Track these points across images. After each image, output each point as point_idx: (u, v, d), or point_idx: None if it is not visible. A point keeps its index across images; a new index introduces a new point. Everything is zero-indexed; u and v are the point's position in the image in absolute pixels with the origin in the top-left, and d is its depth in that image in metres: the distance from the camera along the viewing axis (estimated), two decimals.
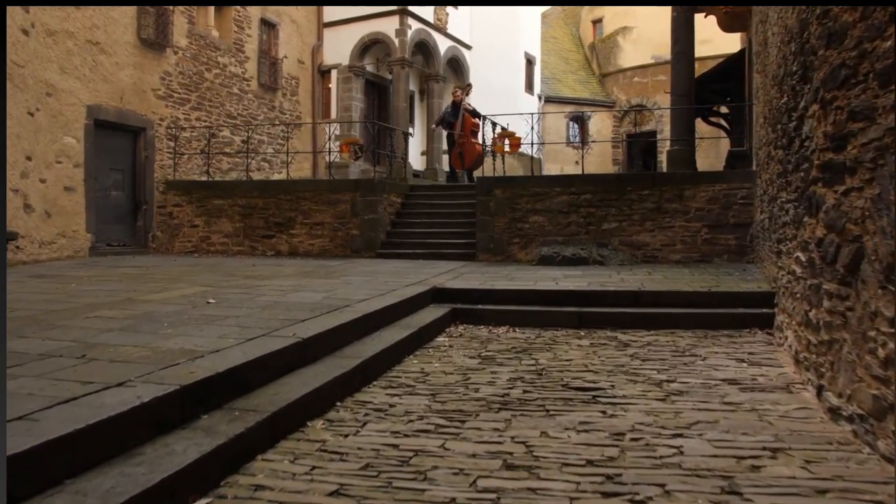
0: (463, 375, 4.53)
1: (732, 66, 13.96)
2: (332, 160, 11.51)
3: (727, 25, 12.42)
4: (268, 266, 9.35)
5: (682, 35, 11.04)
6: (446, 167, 18.91)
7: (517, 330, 6.28)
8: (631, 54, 24.25)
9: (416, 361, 5.00)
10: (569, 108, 22.86)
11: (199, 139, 13.06)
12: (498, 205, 10.54)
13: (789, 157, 5.55)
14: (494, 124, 11.14)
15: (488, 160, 11.12)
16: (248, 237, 11.81)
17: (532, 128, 10.94)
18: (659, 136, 22.47)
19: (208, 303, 5.54)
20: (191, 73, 13.05)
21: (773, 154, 6.82)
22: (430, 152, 18.89)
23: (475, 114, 13.25)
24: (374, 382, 4.36)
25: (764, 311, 6.25)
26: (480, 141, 13.12)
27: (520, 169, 20.21)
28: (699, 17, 14.59)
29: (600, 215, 10.23)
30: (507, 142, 10.55)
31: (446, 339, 5.91)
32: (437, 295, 6.92)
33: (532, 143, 10.90)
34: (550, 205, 10.37)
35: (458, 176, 13.53)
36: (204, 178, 12.82)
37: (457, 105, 13.17)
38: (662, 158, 22.58)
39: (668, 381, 4.35)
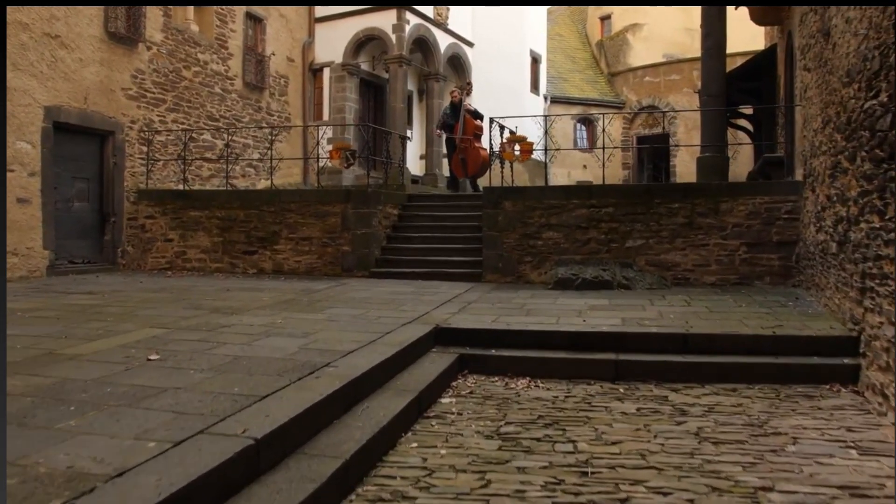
0: (480, 477, 3.32)
1: (762, 64, 12.77)
2: (321, 167, 10.29)
3: (760, 18, 11.22)
4: (245, 290, 8.13)
5: (715, 27, 9.85)
6: (447, 172, 17.73)
7: (539, 384, 5.08)
8: (641, 52, 23.07)
9: (414, 445, 3.79)
10: (576, 110, 21.67)
11: (176, 143, 11.85)
12: (507, 219, 9.34)
13: (891, 173, 4.35)
14: (502, 128, 9.94)
15: (495, 167, 9.91)
16: (227, 253, 10.60)
17: (545, 132, 9.75)
18: (672, 140, 21.30)
19: (149, 360, 4.33)
20: (166, 70, 11.83)
21: (848, 167, 5.61)
22: (429, 156, 17.69)
23: (477, 115, 12.04)
24: (358, 492, 3.15)
25: (844, 361, 5.07)
26: (486, 145, 11.93)
27: (525, 174, 19.02)
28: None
29: (624, 231, 9.02)
30: (517, 147, 9.35)
31: (453, 399, 4.71)
32: (441, 336, 5.72)
33: (545, 149, 9.69)
34: (567, 219, 9.17)
35: (460, 184, 12.32)
36: (180, 187, 11.60)
37: (456, 106, 11.96)
38: (675, 163, 21.45)
39: (764, 488, 3.15)
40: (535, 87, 20.36)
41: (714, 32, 9.85)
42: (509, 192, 9.43)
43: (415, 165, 18.30)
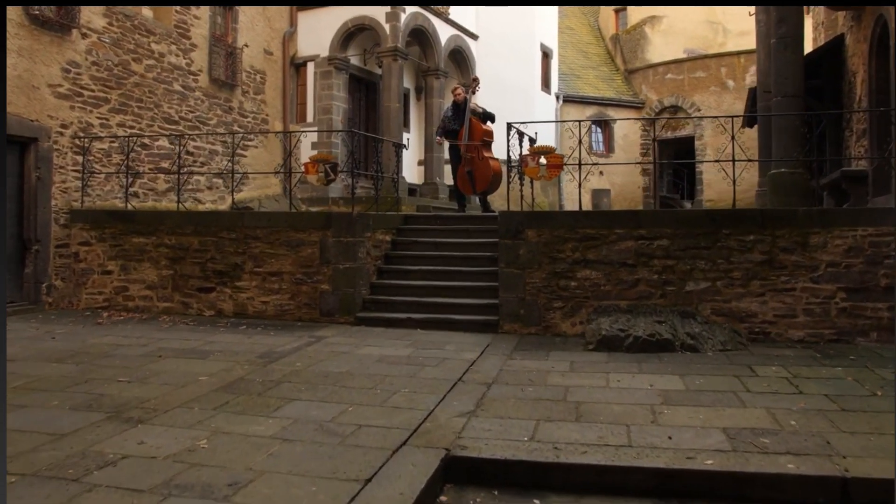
0: None
1: (824, 59, 10.73)
2: (294, 184, 8.19)
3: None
4: (183, 357, 6.04)
5: (790, 10, 7.77)
6: (448, 180, 15.65)
7: None
8: (660, 47, 21.01)
9: None
10: (590, 110, 19.58)
11: (124, 152, 9.73)
12: (531, 252, 7.27)
13: None
14: (521, 135, 7.86)
15: (514, 187, 7.83)
16: (178, 290, 8.51)
17: (580, 141, 7.69)
18: (698, 144, 19.23)
19: None
20: (110, 63, 9.72)
21: None
22: (428, 162, 15.64)
23: (486, 116, 9.91)
24: None
25: None
26: (498, 153, 9.84)
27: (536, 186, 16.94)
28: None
29: (682, 270, 6.97)
30: (542, 160, 7.28)
31: None
32: (455, 470, 3.65)
33: (581, 164, 7.60)
34: (608, 254, 7.11)
35: (467, 201, 10.23)
36: (129, 207, 9.51)
37: (460, 106, 9.84)
38: (702, 170, 19.38)
39: None
40: (546, 84, 18.30)
41: (790, 17, 7.80)
42: (533, 219, 7.36)
43: (412, 173, 16.25)
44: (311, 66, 14.37)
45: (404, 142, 12.56)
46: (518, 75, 17.08)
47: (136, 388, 4.92)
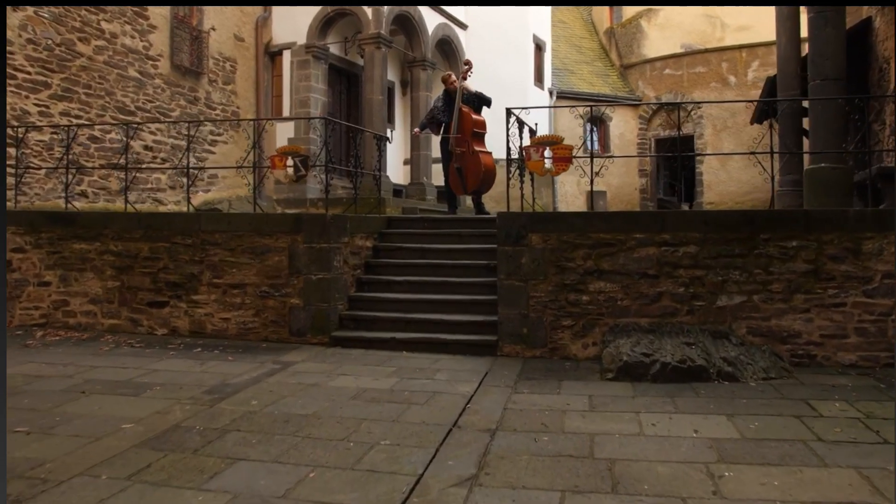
0: None
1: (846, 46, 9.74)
2: (261, 181, 7.05)
3: None
4: (111, 392, 4.91)
5: None
6: (436, 181, 14.57)
7: None
8: (657, 42, 20.02)
9: None
10: (584, 107, 18.53)
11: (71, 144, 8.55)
12: (536, 261, 6.21)
13: None
14: (521, 123, 6.79)
15: (514, 183, 6.75)
16: (126, 304, 7.36)
17: (591, 130, 6.65)
18: (698, 144, 18.28)
19: None
20: (51, 42, 8.55)
21: None
22: (414, 161, 14.54)
23: (480, 100, 8.73)
24: None
25: None
26: (496, 149, 8.78)
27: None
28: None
29: (713, 282, 5.93)
30: (548, 153, 6.21)
31: None
32: None
33: (592, 157, 6.56)
34: (626, 262, 6.06)
35: (458, 203, 9.13)
36: (71, 207, 8.34)
37: (451, 96, 8.73)
38: (702, 170, 18.44)
39: None
40: (539, 79, 17.27)
41: None
42: (538, 222, 6.28)
43: (398, 172, 15.16)
44: (286, 55, 13.23)
45: (388, 136, 11.47)
46: (510, 68, 16.03)
47: (34, 444, 3.79)
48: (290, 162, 6.84)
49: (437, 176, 14.61)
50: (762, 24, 20.17)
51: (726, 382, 5.22)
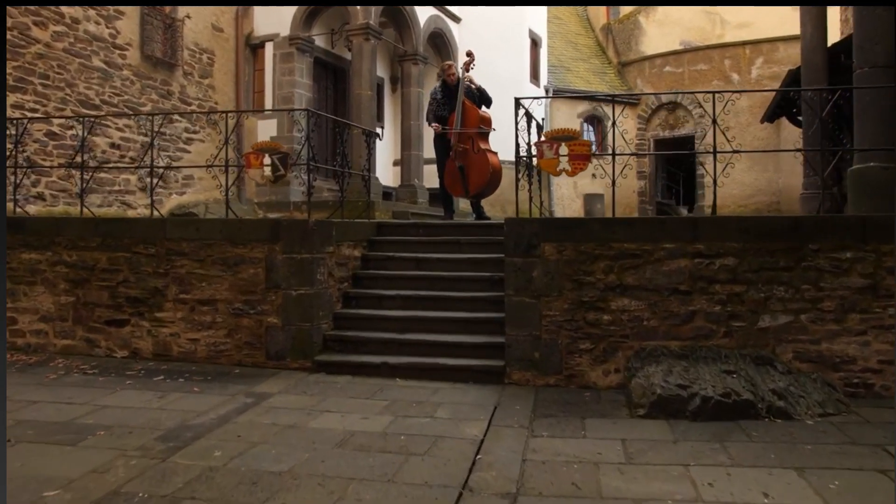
0: None
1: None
2: (235, 182, 6.16)
3: None
4: (52, 434, 4.05)
5: None
6: (429, 183, 13.75)
7: None
8: (656, 39, 19.35)
9: None
10: (582, 105, 17.84)
11: (24, 141, 7.64)
12: (549, 274, 5.41)
13: None
14: (530, 117, 5.99)
15: (523, 184, 5.93)
16: (82, 322, 6.48)
17: (613, 123, 5.90)
18: (698, 145, 17.57)
19: None
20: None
21: None
22: (405, 162, 13.71)
23: (482, 98, 7.93)
24: None
25: None
26: (499, 147, 7.97)
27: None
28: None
29: (755, 299, 5.16)
30: (563, 149, 5.41)
31: None
32: None
33: (613, 154, 5.79)
34: (654, 276, 5.27)
35: (455, 206, 8.31)
36: (20, 211, 7.45)
37: (452, 89, 7.91)
38: (703, 173, 17.73)
39: None
40: (535, 76, 16.50)
41: None
42: (552, 229, 5.48)
43: (387, 174, 14.34)
44: (269, 48, 12.37)
45: (378, 132, 10.64)
46: (505, 64, 15.23)
47: None
48: (267, 160, 6.00)
49: (429, 178, 13.79)
50: (763, 20, 19.56)
51: (779, 420, 4.44)
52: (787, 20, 19.27)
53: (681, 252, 5.23)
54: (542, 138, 5.50)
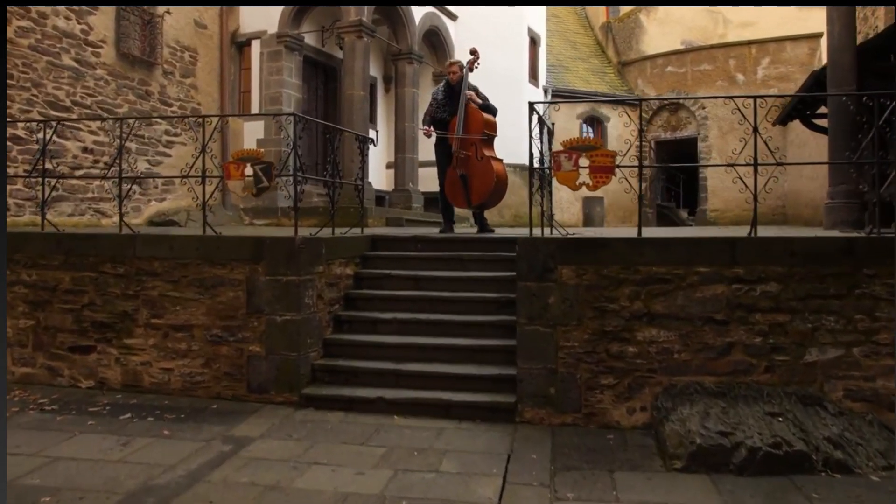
0: None
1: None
2: (215, 188, 5.49)
3: None
4: None
5: None
6: (423, 186, 13.15)
7: None
8: (657, 38, 18.81)
9: None
10: (582, 106, 17.27)
11: None
12: (568, 300, 4.80)
13: None
14: (542, 123, 5.38)
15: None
16: (43, 349, 5.83)
17: (640, 130, 5.30)
18: (702, 146, 17.04)
19: None
20: None
21: None
22: (399, 165, 13.10)
23: (487, 107, 7.26)
24: None
25: None
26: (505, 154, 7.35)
27: (522, 188, 14.49)
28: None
29: (800, 331, 4.56)
30: (583, 161, 4.80)
31: None
32: None
33: (640, 166, 5.19)
34: (686, 303, 4.67)
35: (453, 220, 7.67)
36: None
37: (454, 89, 7.28)
38: (707, 175, 17.19)
39: None
40: (533, 75, 15.90)
41: None
42: (571, 250, 4.86)
43: (380, 177, 13.71)
44: (256, 46, 11.72)
45: (373, 138, 10.00)
46: (503, 63, 14.62)
47: None
48: (248, 171, 5.36)
49: (424, 181, 13.18)
50: (766, 19, 19.05)
51: (838, 475, 3.85)
52: (790, 19, 18.79)
53: (717, 277, 4.64)
54: (560, 148, 4.87)
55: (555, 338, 4.83)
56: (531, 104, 5.10)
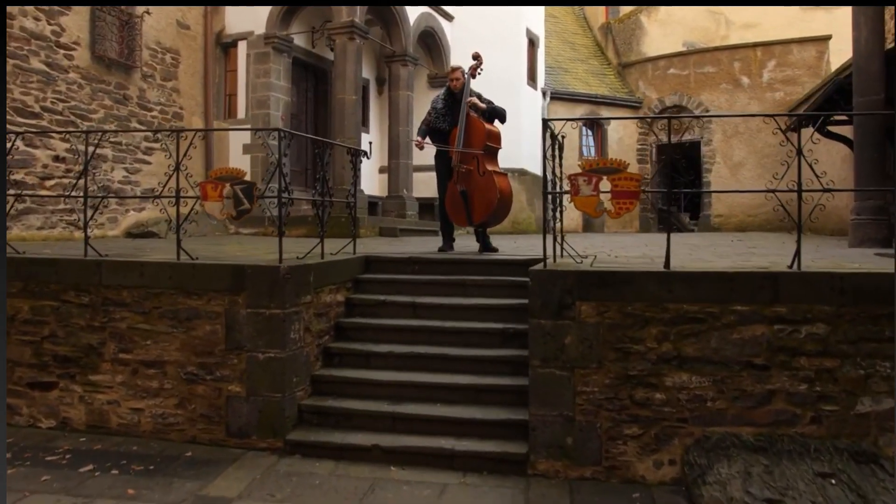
0: None
1: None
2: (186, 218, 4.95)
3: None
4: None
5: None
6: (417, 192, 12.60)
7: None
8: (658, 39, 18.32)
9: None
10: (581, 109, 16.76)
11: None
12: (587, 341, 4.26)
13: None
14: (554, 138, 4.83)
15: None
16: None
17: (669, 141, 4.73)
18: (705, 150, 16.56)
19: None
20: None
21: None
22: (392, 170, 12.54)
23: (493, 112, 6.64)
24: None
25: None
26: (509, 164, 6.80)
27: (522, 194, 14.03)
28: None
29: (851, 378, 4.05)
30: (604, 185, 4.26)
31: None
32: None
33: (671, 192, 4.65)
34: (720, 346, 4.14)
35: (453, 237, 7.11)
36: None
37: (455, 97, 6.70)
38: (710, 179, 16.71)
39: None
40: (532, 78, 15.37)
41: None
42: (591, 285, 4.31)
43: (372, 183, 13.16)
44: (242, 47, 11.14)
45: (365, 146, 9.46)
46: (501, 65, 14.02)
47: None
48: (227, 191, 4.78)
49: (419, 187, 12.65)
50: (770, 21, 18.59)
51: None
52: (794, 21, 18.35)
53: (756, 316, 4.10)
54: (579, 170, 4.33)
55: (572, 382, 4.29)
56: (545, 121, 4.55)
